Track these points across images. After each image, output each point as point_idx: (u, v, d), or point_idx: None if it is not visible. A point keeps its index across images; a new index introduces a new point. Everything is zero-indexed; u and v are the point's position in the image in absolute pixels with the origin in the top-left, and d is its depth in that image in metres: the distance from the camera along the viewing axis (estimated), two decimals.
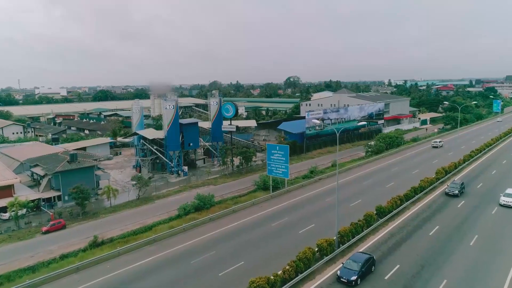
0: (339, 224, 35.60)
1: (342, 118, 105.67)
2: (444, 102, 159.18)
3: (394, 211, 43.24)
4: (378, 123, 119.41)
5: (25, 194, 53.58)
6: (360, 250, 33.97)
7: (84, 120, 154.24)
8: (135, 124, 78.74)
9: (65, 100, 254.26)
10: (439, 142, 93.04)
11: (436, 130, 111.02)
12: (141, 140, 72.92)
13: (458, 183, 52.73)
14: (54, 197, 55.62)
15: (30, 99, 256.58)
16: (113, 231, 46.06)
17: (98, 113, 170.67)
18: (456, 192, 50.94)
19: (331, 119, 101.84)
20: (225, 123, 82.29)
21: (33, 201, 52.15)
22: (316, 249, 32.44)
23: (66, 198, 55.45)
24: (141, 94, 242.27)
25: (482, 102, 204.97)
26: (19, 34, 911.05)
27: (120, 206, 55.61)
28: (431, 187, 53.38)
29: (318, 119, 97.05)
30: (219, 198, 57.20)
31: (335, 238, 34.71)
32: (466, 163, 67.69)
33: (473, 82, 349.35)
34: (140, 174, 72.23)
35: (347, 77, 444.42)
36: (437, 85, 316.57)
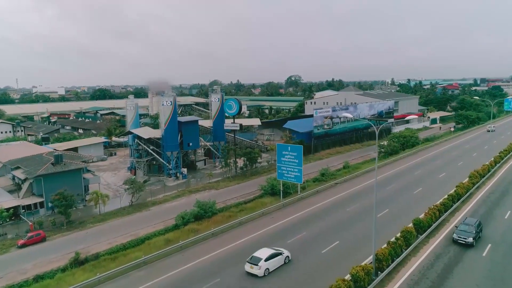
0: (370, 242, 28.76)
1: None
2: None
3: (434, 225, 36.20)
4: (388, 121, 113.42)
5: (1, 201, 47.06)
6: None
7: (80, 119, 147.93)
8: (130, 123, 72.08)
9: (62, 99, 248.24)
10: (493, 127, 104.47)
11: (452, 129, 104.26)
12: (136, 140, 66.28)
13: (473, 224, 34.08)
14: (36, 204, 49.11)
15: (26, 98, 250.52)
16: (100, 244, 39.81)
17: (95, 111, 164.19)
18: (470, 240, 32.62)
19: (339, 117, 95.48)
20: (227, 121, 75.86)
21: (8, 209, 45.54)
22: (349, 278, 25.57)
23: (50, 205, 48.96)
24: (140, 93, 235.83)
25: (490, 101, 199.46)
26: (17, 34, 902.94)
27: (110, 214, 49.20)
28: (467, 193, 46.15)
29: (327, 117, 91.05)
30: (221, 204, 51.02)
31: (371, 262, 27.94)
32: (498, 165, 60.89)
33: (478, 81, 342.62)
34: (134, 177, 65.79)
35: (348, 77, 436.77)
36: (440, 84, 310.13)
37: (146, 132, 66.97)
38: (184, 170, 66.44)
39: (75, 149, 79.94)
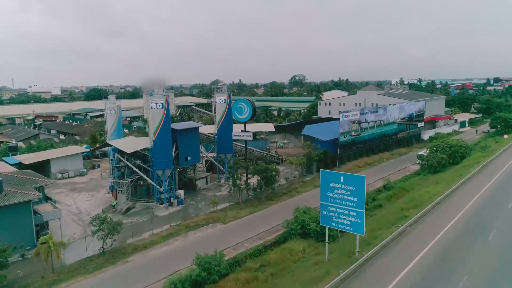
0: None
1: (380, 121, 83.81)
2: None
3: None
4: (418, 126, 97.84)
5: None
6: None
7: (67, 121, 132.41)
8: (110, 131, 55.42)
9: (55, 99, 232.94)
10: None
11: (506, 136, 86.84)
12: (116, 155, 50.08)
13: None
14: None
15: (17, 98, 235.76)
16: None
17: (85, 113, 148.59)
18: None
19: (368, 122, 79.88)
20: (236, 128, 60.08)
21: None
22: None
23: None
24: (138, 92, 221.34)
25: None
26: (15, 34, 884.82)
27: (69, 271, 33.37)
28: None
29: (354, 122, 75.32)
30: (232, 252, 35.67)
31: None
32: None
33: (491, 81, 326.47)
34: (116, 202, 49.97)
35: (352, 77, 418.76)
36: (451, 84, 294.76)
37: (130, 144, 50.24)
38: (181, 194, 50.57)
39: (47, 162, 64.86)
